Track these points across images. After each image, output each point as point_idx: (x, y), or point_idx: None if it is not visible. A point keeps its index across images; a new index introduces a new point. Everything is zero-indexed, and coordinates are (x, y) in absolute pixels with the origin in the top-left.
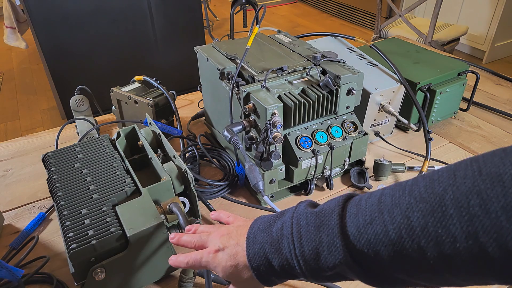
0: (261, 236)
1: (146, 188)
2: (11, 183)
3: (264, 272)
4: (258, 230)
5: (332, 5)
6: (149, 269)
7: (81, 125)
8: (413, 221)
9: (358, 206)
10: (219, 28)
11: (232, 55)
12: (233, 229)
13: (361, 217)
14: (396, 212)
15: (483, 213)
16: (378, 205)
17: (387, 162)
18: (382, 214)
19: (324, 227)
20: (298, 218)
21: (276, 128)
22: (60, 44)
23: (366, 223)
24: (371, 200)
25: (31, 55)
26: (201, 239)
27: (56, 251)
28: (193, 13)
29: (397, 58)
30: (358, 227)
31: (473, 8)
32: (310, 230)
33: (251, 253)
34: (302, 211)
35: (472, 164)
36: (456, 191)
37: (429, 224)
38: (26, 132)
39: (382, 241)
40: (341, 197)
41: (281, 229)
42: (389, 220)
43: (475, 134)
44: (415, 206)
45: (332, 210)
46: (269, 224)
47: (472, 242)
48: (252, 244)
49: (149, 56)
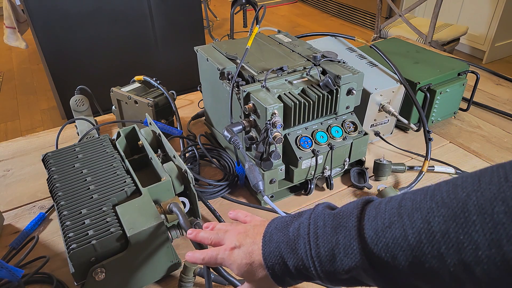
0: (277, 235)
1: (146, 188)
2: (11, 183)
3: (279, 271)
4: (275, 229)
5: (332, 5)
6: (149, 269)
7: (81, 125)
8: (434, 226)
9: (377, 209)
10: (219, 28)
11: (232, 55)
12: (250, 228)
13: (380, 220)
14: (416, 216)
15: (508, 221)
16: (398, 209)
17: (387, 162)
18: (402, 218)
19: (341, 228)
20: (316, 219)
21: (276, 128)
22: (60, 44)
23: (384, 226)
24: (391, 204)
25: (31, 55)
26: (218, 236)
27: (56, 251)
28: (193, 13)
29: (397, 58)
30: (376, 230)
31: (473, 8)
32: (327, 231)
33: (266, 252)
34: (320, 212)
35: (499, 170)
36: (480, 197)
37: (451, 230)
38: (26, 132)
39: (401, 246)
40: (360, 200)
41: (298, 229)
42: (408, 224)
43: (475, 134)
44: (437, 211)
45: (351, 212)
46: (286, 224)
47: (495, 250)
48: (268, 242)
49: (149, 56)
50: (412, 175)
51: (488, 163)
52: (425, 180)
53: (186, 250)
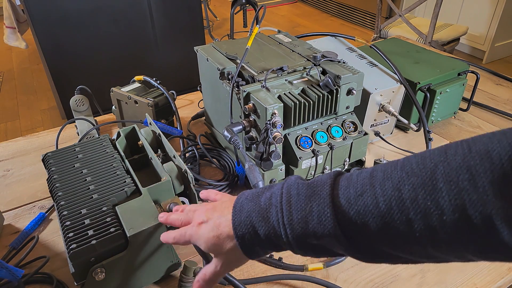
0: (248, 205)
1: (146, 188)
2: (11, 183)
3: (249, 241)
4: (245, 200)
5: (332, 5)
6: (149, 269)
7: (81, 125)
8: (404, 193)
9: (349, 179)
10: (219, 28)
11: (232, 55)
12: (218, 204)
13: (352, 189)
14: (387, 185)
15: (471, 187)
16: (370, 179)
17: (387, 162)
18: (374, 187)
19: (315, 197)
20: (289, 188)
21: (276, 128)
22: (60, 44)
23: (357, 195)
24: (362, 174)
25: (31, 55)
26: (187, 216)
27: (56, 251)
28: (193, 13)
29: (397, 58)
30: (348, 198)
31: (473, 8)
32: (301, 200)
33: (236, 221)
34: (293, 182)
35: (462, 144)
36: (446, 166)
37: (419, 196)
38: (26, 132)
39: (372, 212)
40: (332, 172)
41: (269, 198)
42: (380, 193)
43: (475, 134)
44: (407, 180)
45: (324, 182)
46: (257, 195)
47: (459, 215)
48: (238, 213)
49: (149, 56)
50: None
51: None
52: None
53: (186, 250)
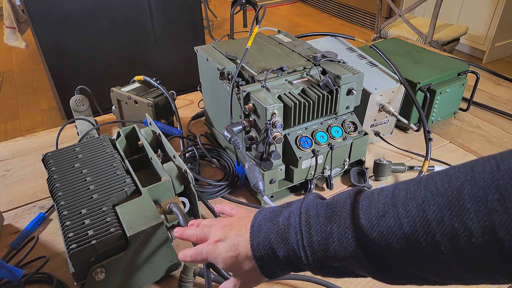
0: (266, 225)
1: (146, 188)
2: (11, 183)
3: (268, 262)
4: (263, 219)
5: (332, 5)
6: (149, 269)
7: (81, 125)
8: (429, 214)
9: (370, 198)
10: (219, 28)
11: (232, 55)
12: (234, 220)
13: (374, 209)
14: (411, 205)
15: (501, 208)
16: (392, 199)
17: (387, 162)
18: (396, 207)
19: (335, 217)
20: (307, 208)
21: (276, 128)
22: (60, 44)
23: (379, 215)
24: (384, 193)
25: (31, 55)
26: (203, 232)
27: (56, 251)
28: (193, 13)
29: (397, 58)
30: (370, 219)
31: (473, 8)
32: (320, 221)
33: (255, 243)
34: (311, 201)
35: (490, 161)
36: (474, 185)
37: (446, 217)
38: (26, 132)
39: (395, 234)
40: (352, 190)
41: (288, 218)
42: (403, 213)
43: (475, 134)
44: (431, 200)
45: (344, 202)
46: (275, 214)
47: (489, 237)
48: (256, 233)
49: (149, 56)
50: (412, 175)
51: None
52: None
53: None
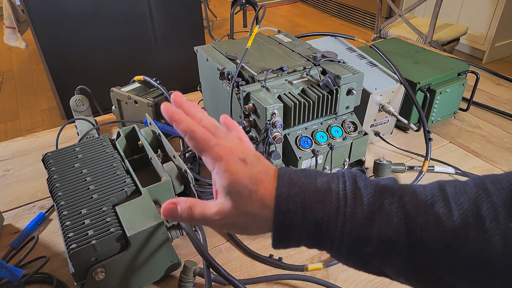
0: (300, 181)
1: (146, 188)
2: (11, 183)
3: (290, 221)
4: (294, 174)
5: (332, 5)
6: (149, 269)
7: (81, 125)
8: (483, 210)
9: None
10: (219, 28)
11: (232, 55)
12: (260, 154)
13: (422, 197)
14: (462, 199)
15: None
16: (441, 191)
17: (387, 162)
18: (447, 199)
19: (387, 193)
20: (354, 178)
21: (276, 128)
22: (60, 44)
23: (427, 203)
24: (428, 187)
25: (31, 55)
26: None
27: (56, 251)
28: (193, 13)
29: (397, 58)
30: (417, 205)
31: (473, 8)
32: (369, 193)
33: (283, 194)
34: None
35: None
36: None
37: (500, 216)
38: (26, 132)
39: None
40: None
41: (327, 183)
42: (455, 206)
43: (475, 134)
44: (485, 197)
45: (394, 182)
46: (310, 174)
47: None
48: (287, 185)
49: (149, 56)
50: (412, 175)
51: (488, 163)
52: (425, 180)
53: (186, 250)
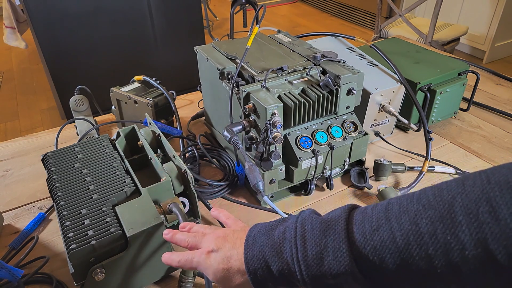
0: (261, 238)
1: (146, 188)
2: (10, 183)
3: (261, 276)
4: (258, 233)
5: (332, 5)
6: (149, 269)
7: (80, 125)
8: (422, 227)
9: (363, 214)
10: (219, 28)
11: (232, 55)
12: (229, 232)
13: (367, 223)
14: (404, 219)
15: (492, 220)
16: (385, 213)
17: (387, 162)
18: (389, 221)
19: (330, 231)
20: (303, 223)
21: (276, 128)
22: (60, 44)
23: (372, 229)
24: (377, 208)
25: (31, 55)
26: (195, 239)
27: (56, 251)
28: (193, 13)
29: (397, 58)
30: (364, 233)
31: (473, 8)
32: (315, 234)
33: (249, 256)
34: (307, 216)
35: (481, 174)
36: (465, 198)
37: (438, 231)
38: (25, 132)
39: (389, 248)
40: (347, 206)
41: (283, 232)
42: (396, 227)
43: (476, 134)
44: (424, 213)
45: (339, 216)
46: (271, 228)
47: (481, 250)
48: (251, 246)
49: (149, 56)
50: (412, 175)
51: (488, 163)
52: (425, 180)
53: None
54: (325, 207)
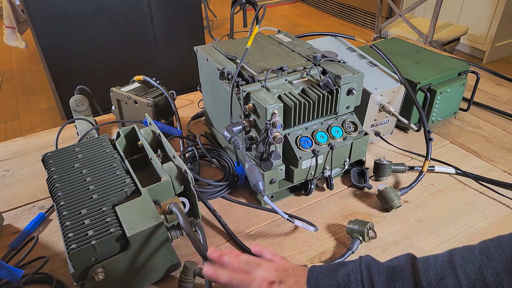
0: (325, 280)
1: (146, 188)
2: (10, 183)
3: None
4: (320, 274)
5: (332, 5)
6: (148, 270)
7: (80, 125)
8: (488, 277)
9: (426, 263)
10: (219, 28)
11: (232, 55)
12: (289, 267)
13: (433, 272)
14: (469, 269)
15: None
16: (449, 263)
17: (387, 162)
18: (455, 270)
19: (398, 277)
20: (368, 267)
21: (276, 128)
22: (60, 44)
23: (438, 278)
24: (439, 258)
25: (31, 55)
26: (248, 266)
27: (56, 251)
28: (193, 13)
29: (397, 58)
30: (430, 281)
31: (473, 8)
32: (383, 279)
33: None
34: (371, 260)
35: None
36: None
37: (504, 281)
38: (26, 132)
39: None
40: (408, 254)
41: (348, 276)
42: (462, 277)
43: (476, 134)
44: (488, 264)
45: (405, 263)
46: (333, 270)
47: None
48: (315, 286)
49: (149, 56)
50: (412, 175)
51: (488, 164)
52: (425, 180)
53: (186, 250)
54: (325, 207)
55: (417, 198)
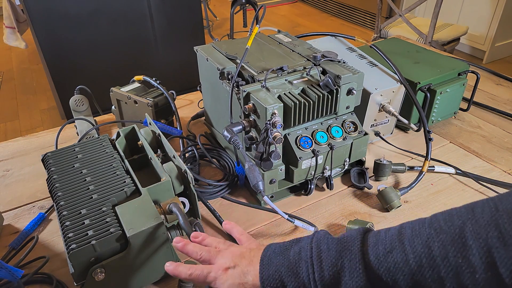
0: (277, 259)
1: (146, 188)
2: (10, 183)
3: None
4: (273, 253)
5: (332, 5)
6: (148, 269)
7: (80, 125)
8: (434, 250)
9: (377, 236)
10: (219, 28)
11: (232, 55)
12: (245, 250)
13: (381, 246)
14: (416, 242)
15: (501, 245)
16: (398, 236)
17: (387, 162)
18: (403, 243)
19: (346, 252)
20: (318, 243)
21: (276, 128)
22: (60, 44)
23: (386, 251)
24: (390, 231)
25: (31, 55)
26: (209, 254)
27: (56, 251)
28: (193, 13)
29: (397, 58)
30: (377, 255)
31: (473, 8)
32: (332, 255)
33: (265, 275)
34: (322, 236)
35: (489, 202)
36: (475, 224)
37: (450, 254)
38: (25, 132)
39: (402, 270)
40: (361, 228)
41: (299, 253)
42: (409, 250)
43: (476, 134)
44: (436, 237)
45: (354, 238)
46: (286, 248)
47: (491, 273)
48: (266, 266)
49: (149, 56)
50: (412, 175)
51: (488, 163)
52: (425, 180)
53: None
54: (325, 207)
55: (417, 198)
